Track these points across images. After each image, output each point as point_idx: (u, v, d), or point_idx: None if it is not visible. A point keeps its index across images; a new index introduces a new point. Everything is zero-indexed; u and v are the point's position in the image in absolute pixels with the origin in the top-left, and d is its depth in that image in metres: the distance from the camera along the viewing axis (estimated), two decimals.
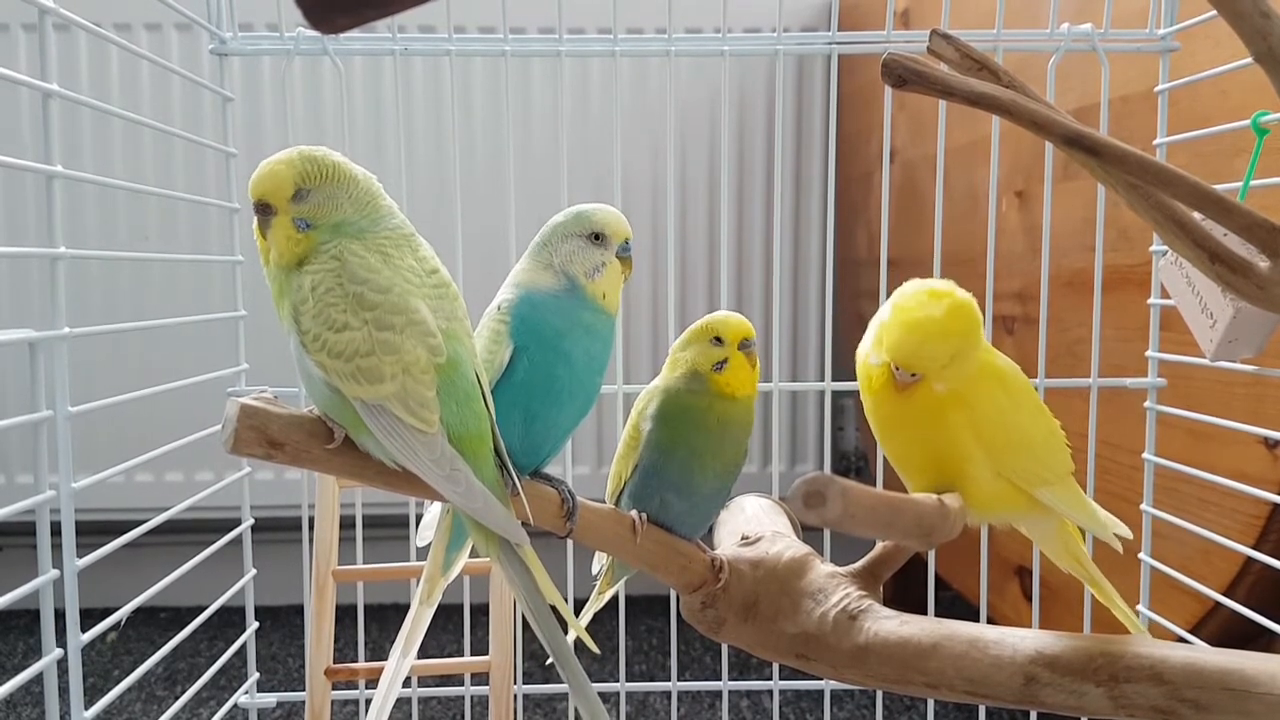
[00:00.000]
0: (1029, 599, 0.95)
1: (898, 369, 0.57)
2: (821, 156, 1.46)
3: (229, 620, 1.07)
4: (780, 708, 1.16)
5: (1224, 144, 0.77)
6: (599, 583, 0.66)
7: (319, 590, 0.81)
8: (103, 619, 0.73)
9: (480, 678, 1.06)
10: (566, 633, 0.57)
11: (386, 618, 1.41)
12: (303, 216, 0.51)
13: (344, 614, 0.87)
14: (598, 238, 0.56)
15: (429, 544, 0.59)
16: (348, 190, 0.52)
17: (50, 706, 0.66)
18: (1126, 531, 0.61)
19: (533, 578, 0.54)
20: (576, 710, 0.55)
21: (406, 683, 1.01)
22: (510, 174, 0.96)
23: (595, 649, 0.58)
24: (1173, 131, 0.83)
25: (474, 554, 0.58)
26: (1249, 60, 0.44)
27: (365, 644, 1.06)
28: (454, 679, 1.14)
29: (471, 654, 0.95)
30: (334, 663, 0.81)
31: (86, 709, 0.69)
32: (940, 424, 0.57)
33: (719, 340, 0.59)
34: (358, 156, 0.57)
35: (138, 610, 0.77)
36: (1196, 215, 0.47)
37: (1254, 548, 0.73)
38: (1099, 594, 0.62)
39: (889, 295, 0.60)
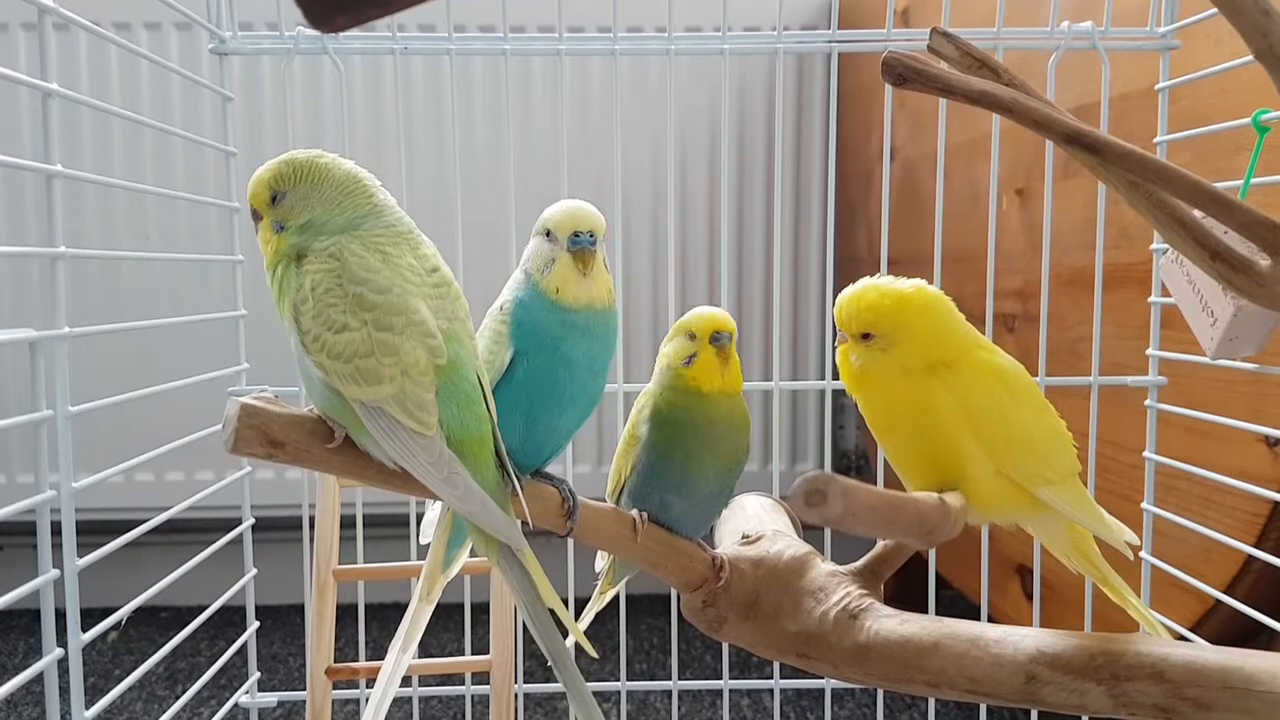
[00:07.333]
0: (1030, 598, 0.95)
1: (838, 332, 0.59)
2: (821, 155, 1.46)
3: (229, 620, 1.07)
4: (781, 706, 1.16)
5: (1224, 142, 0.77)
6: (600, 583, 0.65)
7: (319, 590, 0.81)
8: (103, 619, 0.73)
9: (481, 677, 1.05)
10: (565, 636, 0.57)
11: (387, 617, 1.41)
12: (277, 219, 0.52)
13: (345, 613, 0.87)
14: (548, 234, 0.56)
15: (430, 542, 0.59)
16: (320, 190, 0.52)
17: (51, 706, 0.66)
18: (1134, 538, 0.61)
19: (531, 581, 0.53)
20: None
21: (407, 682, 1.02)
22: (510, 173, 0.96)
23: (594, 653, 0.58)
24: (1173, 129, 0.83)
25: (474, 553, 0.58)
26: (1249, 58, 0.44)
27: (366, 643, 1.06)
28: (455, 678, 1.14)
29: (472, 653, 0.95)
30: (335, 662, 0.81)
31: (87, 709, 0.69)
32: (935, 422, 0.56)
33: (692, 335, 0.59)
34: (358, 156, 0.57)
35: (138, 610, 0.77)
36: (1197, 213, 0.46)
37: (1255, 546, 0.73)
38: (1113, 594, 0.61)
39: None
